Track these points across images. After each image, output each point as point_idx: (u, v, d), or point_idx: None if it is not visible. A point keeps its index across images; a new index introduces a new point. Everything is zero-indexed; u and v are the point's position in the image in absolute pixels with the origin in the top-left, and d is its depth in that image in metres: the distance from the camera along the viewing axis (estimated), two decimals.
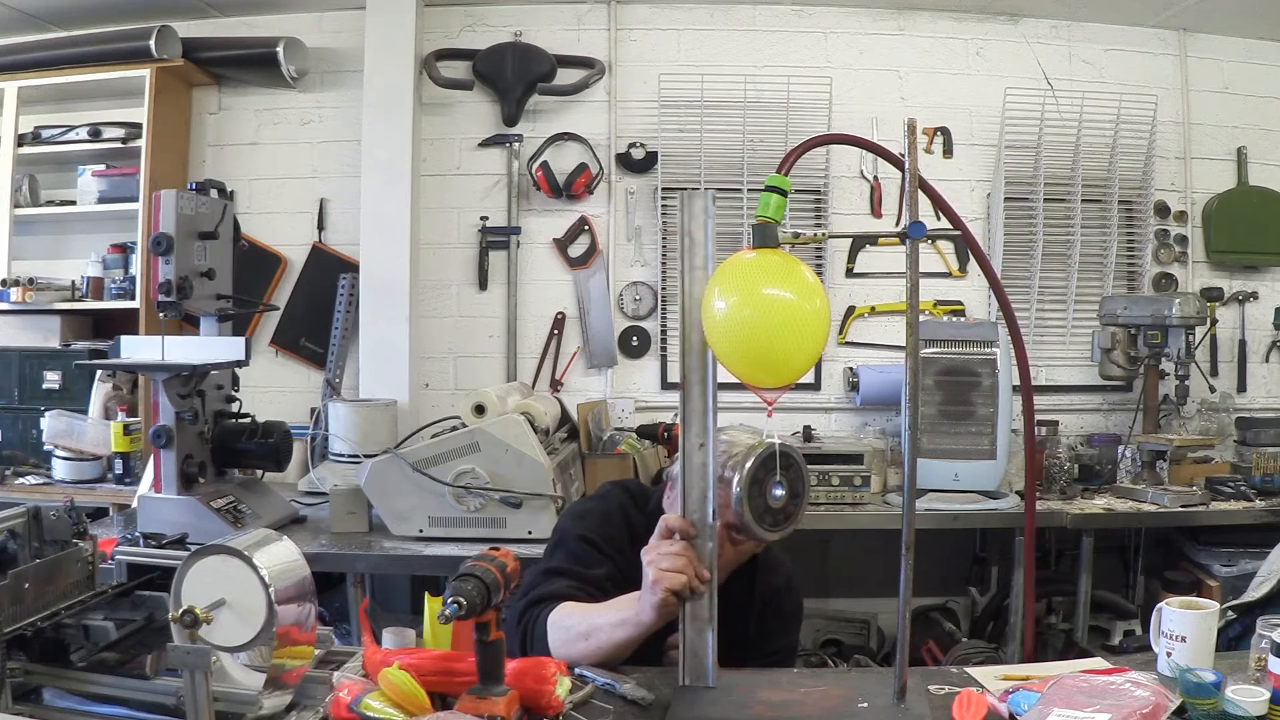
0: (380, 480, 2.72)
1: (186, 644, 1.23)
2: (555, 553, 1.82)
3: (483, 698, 1.30)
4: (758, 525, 1.46)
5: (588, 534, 1.79)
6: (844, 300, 3.87)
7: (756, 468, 1.45)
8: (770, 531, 1.48)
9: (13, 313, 3.68)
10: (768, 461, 1.45)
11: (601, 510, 1.84)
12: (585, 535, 1.79)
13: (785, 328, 1.33)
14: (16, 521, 1.46)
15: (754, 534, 1.46)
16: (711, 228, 1.50)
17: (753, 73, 3.76)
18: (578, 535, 1.79)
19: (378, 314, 3.68)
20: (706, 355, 1.49)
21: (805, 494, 1.51)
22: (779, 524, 1.49)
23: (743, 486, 1.43)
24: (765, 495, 1.46)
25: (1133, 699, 1.36)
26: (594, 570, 1.74)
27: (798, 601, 1.94)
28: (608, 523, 1.81)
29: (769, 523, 1.48)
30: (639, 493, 1.89)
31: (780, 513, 1.48)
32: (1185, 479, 3.39)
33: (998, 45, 3.90)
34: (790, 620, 1.93)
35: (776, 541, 1.51)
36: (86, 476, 3.39)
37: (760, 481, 1.45)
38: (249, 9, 3.85)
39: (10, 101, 3.66)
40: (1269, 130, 3.95)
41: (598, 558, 1.76)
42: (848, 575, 3.70)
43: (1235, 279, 3.96)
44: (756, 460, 1.45)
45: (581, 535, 1.79)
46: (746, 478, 1.44)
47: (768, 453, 1.45)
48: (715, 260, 1.50)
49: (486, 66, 3.79)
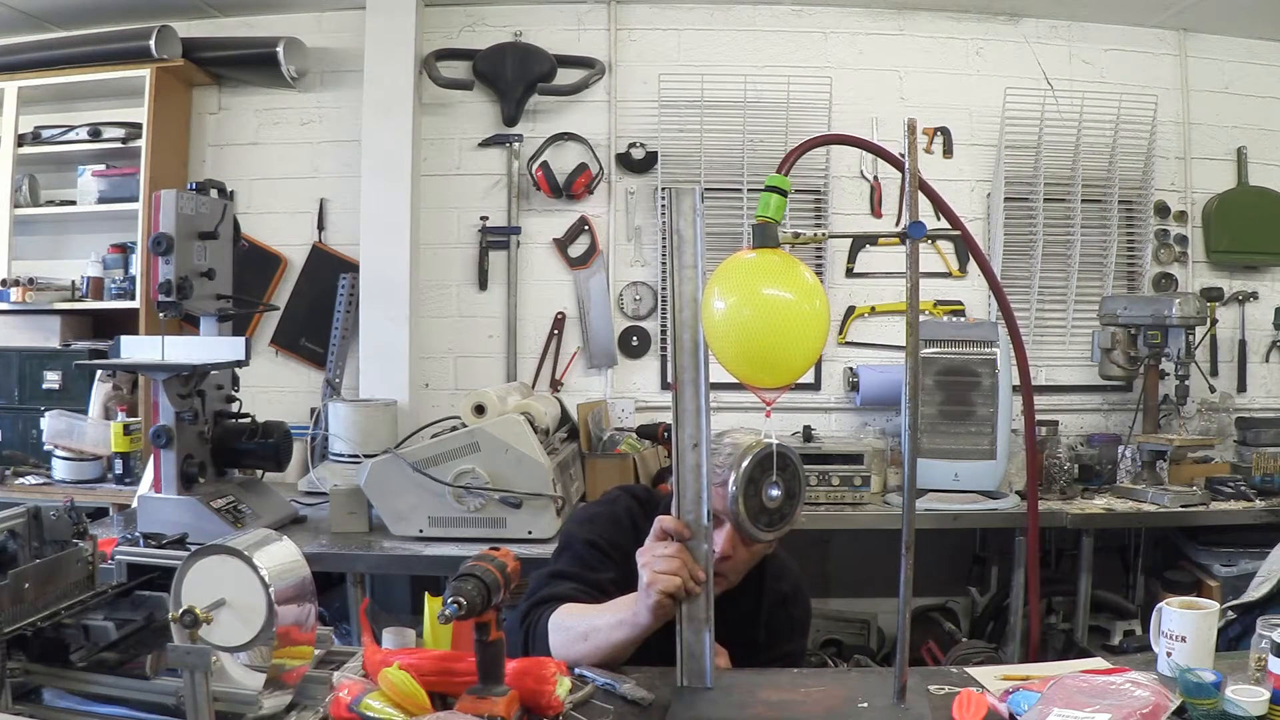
0: (380, 480, 2.72)
1: (186, 644, 1.23)
2: (561, 556, 1.82)
3: (483, 698, 1.30)
4: (753, 525, 1.46)
5: (594, 538, 1.79)
6: (844, 300, 3.87)
7: (753, 468, 1.45)
8: (765, 531, 1.48)
9: (13, 313, 3.69)
10: (764, 462, 1.45)
11: (608, 515, 1.84)
12: (591, 539, 1.79)
13: (784, 328, 1.33)
14: (16, 521, 1.46)
15: (749, 534, 1.46)
16: (700, 225, 1.50)
17: (753, 73, 3.76)
18: (584, 539, 1.80)
19: (378, 314, 3.68)
20: (699, 354, 1.49)
21: (801, 495, 1.51)
22: (774, 524, 1.49)
23: (738, 486, 1.43)
24: (761, 495, 1.46)
25: (1133, 699, 1.35)
26: (599, 574, 1.74)
27: (805, 607, 1.93)
28: (614, 527, 1.81)
29: (764, 523, 1.48)
30: (646, 499, 1.89)
31: (776, 513, 1.48)
32: (1185, 479, 3.39)
33: (998, 45, 3.90)
34: (798, 626, 1.92)
35: (772, 541, 1.51)
36: (86, 476, 3.39)
37: (756, 481, 1.45)
38: (249, 9, 3.85)
39: (10, 101, 3.66)
40: (1269, 130, 3.95)
41: (603, 561, 1.76)
42: (848, 575, 3.70)
43: (1235, 279, 3.96)
44: (753, 460, 1.45)
45: (587, 539, 1.79)
46: (742, 477, 1.44)
47: (764, 453, 1.45)
48: (706, 259, 1.50)
49: (486, 66, 3.79)
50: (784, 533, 1.51)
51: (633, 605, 1.53)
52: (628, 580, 1.68)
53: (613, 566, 1.75)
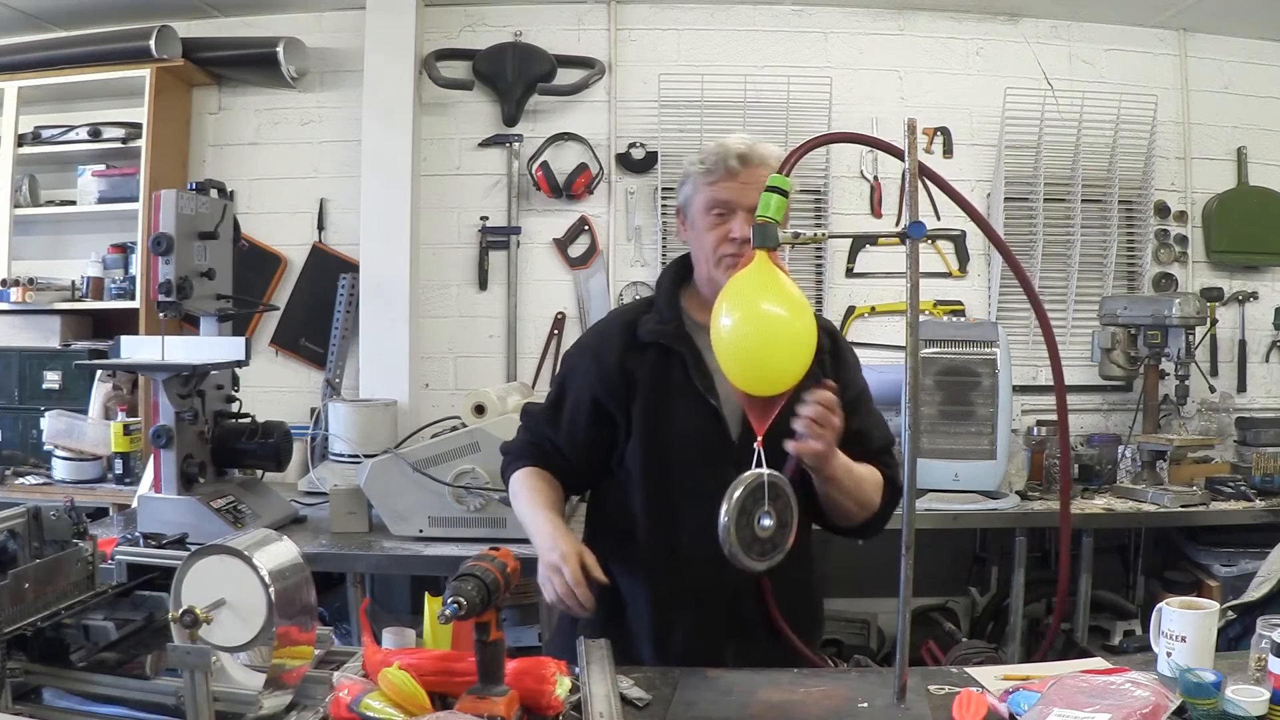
0: (380, 480, 2.72)
1: (186, 644, 1.23)
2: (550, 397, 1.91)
3: (483, 698, 1.30)
4: (745, 555, 1.45)
5: (559, 397, 1.86)
6: (844, 300, 3.87)
7: (745, 498, 1.43)
8: (757, 561, 1.47)
9: (13, 313, 3.69)
10: (756, 492, 1.44)
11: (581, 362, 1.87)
12: (555, 400, 1.87)
13: (776, 343, 1.41)
14: (16, 521, 1.46)
15: (741, 564, 1.45)
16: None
17: (753, 73, 3.76)
18: (549, 404, 1.88)
19: (378, 314, 3.68)
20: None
21: (793, 524, 1.50)
22: (766, 553, 1.47)
23: (730, 516, 1.42)
24: (753, 525, 1.45)
25: (1133, 699, 1.35)
26: (554, 438, 1.85)
27: (840, 341, 1.94)
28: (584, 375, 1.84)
29: (756, 552, 1.46)
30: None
31: (768, 542, 1.47)
32: (1185, 479, 3.39)
33: (998, 45, 3.90)
34: (854, 365, 1.96)
35: (764, 571, 1.51)
36: (86, 476, 3.39)
37: (748, 512, 1.44)
38: (249, 9, 3.85)
39: (10, 101, 3.66)
40: (1269, 130, 3.95)
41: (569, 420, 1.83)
42: (848, 575, 3.69)
43: (1235, 279, 3.96)
44: (745, 490, 1.44)
45: (551, 403, 1.88)
46: (734, 508, 1.42)
47: (756, 483, 1.44)
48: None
49: (486, 66, 3.79)
50: (776, 560, 1.50)
51: (535, 542, 1.68)
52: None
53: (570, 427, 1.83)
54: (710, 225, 1.72)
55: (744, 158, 1.70)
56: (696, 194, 1.75)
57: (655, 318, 1.80)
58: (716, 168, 1.72)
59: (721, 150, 1.72)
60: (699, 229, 1.75)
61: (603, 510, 1.88)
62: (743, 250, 1.68)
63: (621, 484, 1.80)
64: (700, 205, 1.74)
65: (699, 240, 1.76)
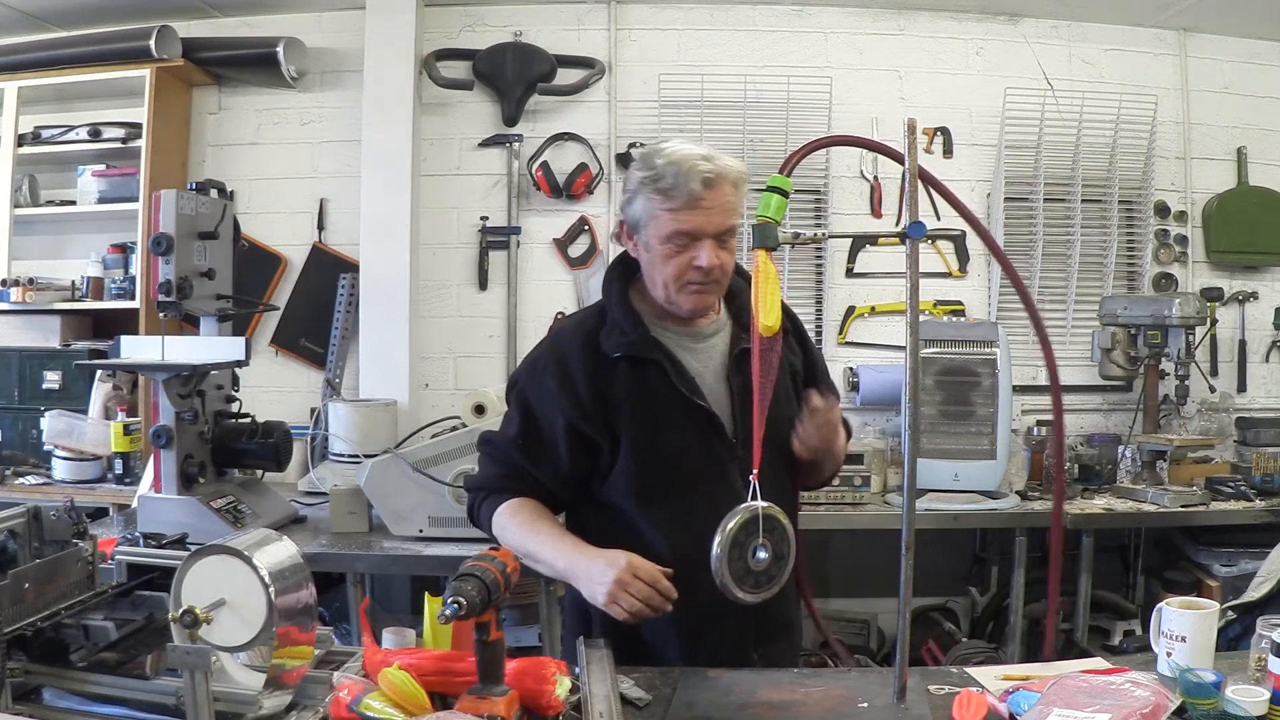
0: (380, 480, 2.72)
1: (186, 644, 1.23)
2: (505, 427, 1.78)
3: (483, 698, 1.30)
4: (737, 587, 1.43)
5: (521, 427, 1.73)
6: (844, 300, 3.87)
7: (738, 530, 1.42)
8: (750, 593, 1.45)
9: (13, 313, 3.68)
10: (750, 524, 1.43)
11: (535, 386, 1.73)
12: (519, 430, 1.73)
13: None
14: (16, 521, 1.46)
15: (733, 596, 1.44)
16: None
17: (753, 73, 3.76)
18: (514, 433, 1.74)
19: (378, 314, 3.68)
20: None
21: (790, 555, 1.48)
22: (760, 586, 1.46)
23: (722, 548, 1.41)
24: (746, 558, 1.43)
25: (1133, 699, 1.35)
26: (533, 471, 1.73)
27: (795, 317, 1.86)
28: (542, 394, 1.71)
29: (750, 584, 1.44)
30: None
31: (763, 575, 1.45)
32: (1185, 479, 3.39)
33: (998, 45, 3.90)
34: (809, 336, 1.91)
35: (754, 602, 1.50)
36: (86, 476, 3.39)
37: (741, 544, 1.42)
38: (249, 9, 3.85)
39: (10, 101, 3.65)
40: (1269, 130, 3.95)
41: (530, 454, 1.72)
42: (848, 575, 3.69)
43: (1235, 279, 3.96)
44: (738, 523, 1.42)
45: (517, 433, 1.73)
46: (727, 540, 1.41)
47: (750, 516, 1.42)
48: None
49: (486, 66, 3.79)
50: (771, 593, 1.49)
51: (576, 570, 1.61)
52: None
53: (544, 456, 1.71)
54: (671, 254, 1.62)
55: (708, 182, 1.58)
56: (652, 219, 1.62)
57: (616, 330, 1.68)
58: (676, 193, 1.58)
59: (680, 172, 1.58)
60: (656, 253, 1.63)
61: (583, 533, 1.72)
62: (710, 278, 1.62)
63: (610, 506, 1.70)
64: (659, 233, 1.62)
65: (656, 264, 1.64)
